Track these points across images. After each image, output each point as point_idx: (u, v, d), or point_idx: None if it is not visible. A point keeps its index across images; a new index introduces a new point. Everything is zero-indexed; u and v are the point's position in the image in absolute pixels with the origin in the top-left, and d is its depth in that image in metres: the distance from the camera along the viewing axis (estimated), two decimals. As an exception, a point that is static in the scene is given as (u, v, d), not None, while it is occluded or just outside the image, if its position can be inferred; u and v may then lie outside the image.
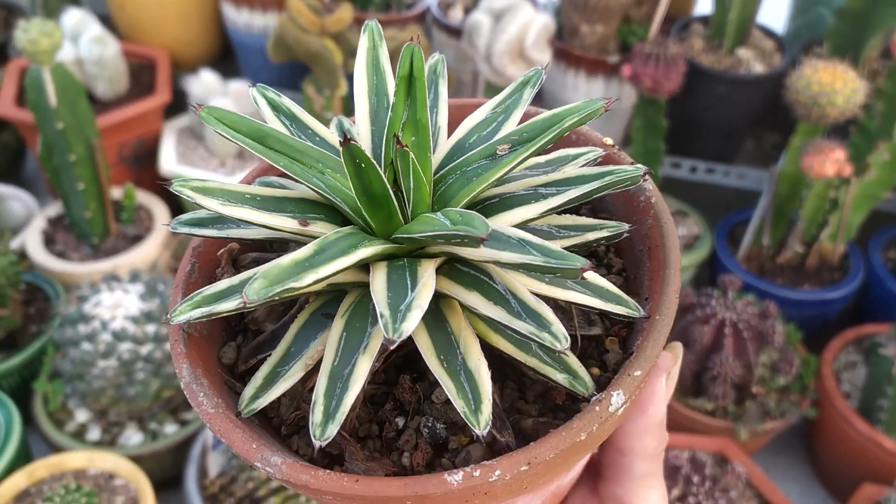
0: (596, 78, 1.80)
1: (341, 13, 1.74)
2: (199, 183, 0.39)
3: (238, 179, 1.62)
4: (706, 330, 1.46)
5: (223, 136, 0.40)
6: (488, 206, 0.43)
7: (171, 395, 1.47)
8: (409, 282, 0.37)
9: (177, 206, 1.99)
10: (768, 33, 1.90)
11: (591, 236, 0.44)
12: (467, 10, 1.98)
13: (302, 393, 0.43)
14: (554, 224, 0.45)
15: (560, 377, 0.40)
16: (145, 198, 1.91)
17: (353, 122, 0.48)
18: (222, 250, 0.45)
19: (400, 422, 0.43)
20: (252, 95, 0.46)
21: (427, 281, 0.37)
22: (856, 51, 1.65)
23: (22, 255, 1.75)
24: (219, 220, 0.43)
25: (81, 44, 1.87)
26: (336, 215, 0.42)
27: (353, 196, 0.40)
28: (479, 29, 1.61)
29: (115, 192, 1.87)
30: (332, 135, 0.47)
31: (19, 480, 1.32)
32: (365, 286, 0.41)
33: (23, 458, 1.39)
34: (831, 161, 1.42)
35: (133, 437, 1.46)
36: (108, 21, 2.13)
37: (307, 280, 0.35)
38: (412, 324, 0.34)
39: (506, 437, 0.39)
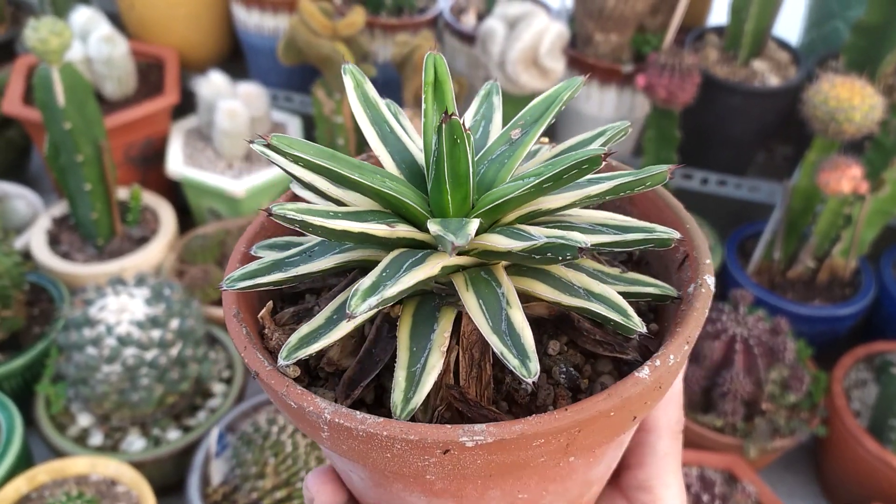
0: (609, 87, 1.78)
1: (353, 17, 1.72)
2: (302, 205, 0.42)
3: (243, 185, 1.60)
4: (717, 345, 1.45)
5: (291, 163, 0.42)
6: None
7: (175, 400, 1.45)
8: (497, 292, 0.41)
9: (183, 208, 1.97)
10: (783, 45, 1.88)
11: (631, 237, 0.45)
12: (480, 17, 1.96)
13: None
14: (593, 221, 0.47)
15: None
16: (152, 199, 1.89)
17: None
18: (262, 312, 0.47)
19: (528, 387, 0.43)
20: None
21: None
22: (872, 66, 1.63)
23: (26, 255, 1.74)
24: (277, 267, 0.46)
25: (90, 43, 1.86)
26: (400, 220, 0.45)
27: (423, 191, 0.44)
28: (493, 36, 1.59)
29: (122, 193, 1.85)
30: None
31: (20, 485, 1.31)
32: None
33: (24, 461, 1.37)
34: (847, 178, 1.41)
35: (135, 442, 1.45)
36: (117, 20, 2.12)
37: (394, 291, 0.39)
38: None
39: (631, 354, 0.43)
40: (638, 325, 0.40)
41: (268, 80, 2.06)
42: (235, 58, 2.23)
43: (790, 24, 2.00)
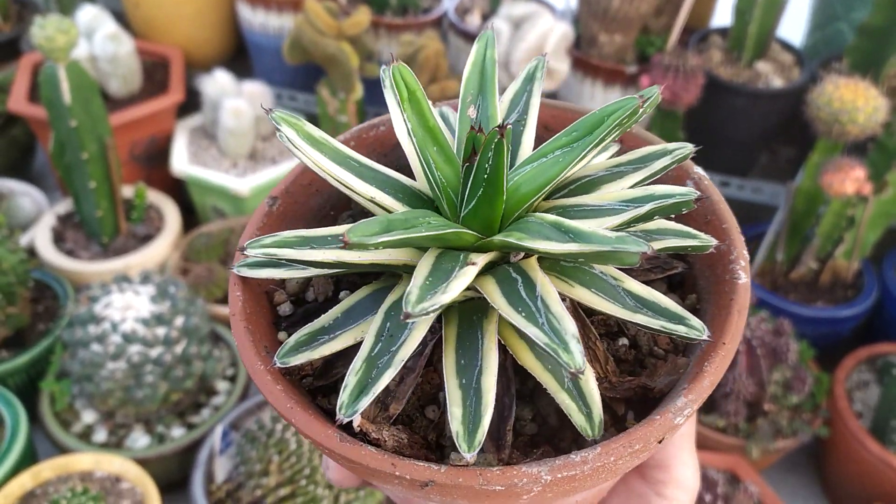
0: (613, 88, 1.79)
1: (359, 17, 1.73)
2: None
3: (247, 184, 1.60)
4: (720, 346, 1.45)
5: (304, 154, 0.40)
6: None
7: (180, 398, 1.46)
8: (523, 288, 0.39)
9: (187, 207, 1.98)
10: (787, 47, 1.89)
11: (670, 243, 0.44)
12: (484, 17, 1.96)
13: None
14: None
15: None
16: (156, 197, 1.90)
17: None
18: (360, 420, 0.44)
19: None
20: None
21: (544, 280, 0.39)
22: (876, 68, 1.64)
23: (31, 252, 1.74)
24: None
25: (96, 41, 1.86)
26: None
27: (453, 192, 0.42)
28: (497, 36, 1.60)
29: (126, 191, 1.86)
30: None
31: (25, 481, 1.31)
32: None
33: (28, 457, 1.38)
34: (851, 179, 1.41)
35: (140, 439, 1.45)
36: (122, 18, 2.12)
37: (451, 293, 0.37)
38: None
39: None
40: (699, 330, 0.39)
41: (272, 79, 2.07)
42: (240, 57, 2.23)
43: (794, 25, 2.00)
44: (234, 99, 1.85)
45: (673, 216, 0.43)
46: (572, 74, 1.81)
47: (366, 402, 0.37)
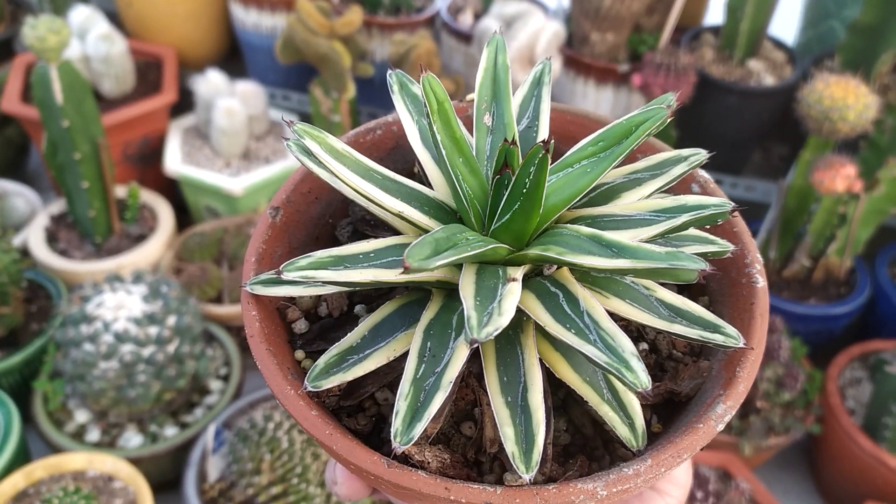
0: (605, 86, 1.79)
1: (351, 16, 1.73)
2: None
3: (240, 183, 1.61)
4: (712, 343, 1.45)
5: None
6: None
7: (172, 397, 1.46)
8: (566, 303, 0.39)
9: (181, 206, 1.98)
10: (779, 45, 1.89)
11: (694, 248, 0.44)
12: (477, 16, 1.97)
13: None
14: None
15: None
16: (149, 197, 1.90)
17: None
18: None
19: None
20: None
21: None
22: (867, 65, 1.64)
23: (24, 252, 1.74)
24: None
25: (88, 41, 1.86)
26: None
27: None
28: (489, 35, 1.60)
29: (119, 191, 1.86)
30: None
31: (18, 481, 1.31)
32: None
33: (21, 457, 1.38)
34: (842, 177, 1.41)
35: (133, 438, 1.45)
36: (115, 18, 2.12)
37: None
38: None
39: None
40: (735, 338, 0.39)
41: (266, 79, 2.07)
42: (233, 56, 2.24)
43: (786, 23, 2.00)
44: (228, 99, 1.85)
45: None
46: (564, 73, 1.81)
47: (420, 428, 0.36)
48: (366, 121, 1.98)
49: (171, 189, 2.00)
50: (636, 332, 0.45)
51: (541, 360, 0.41)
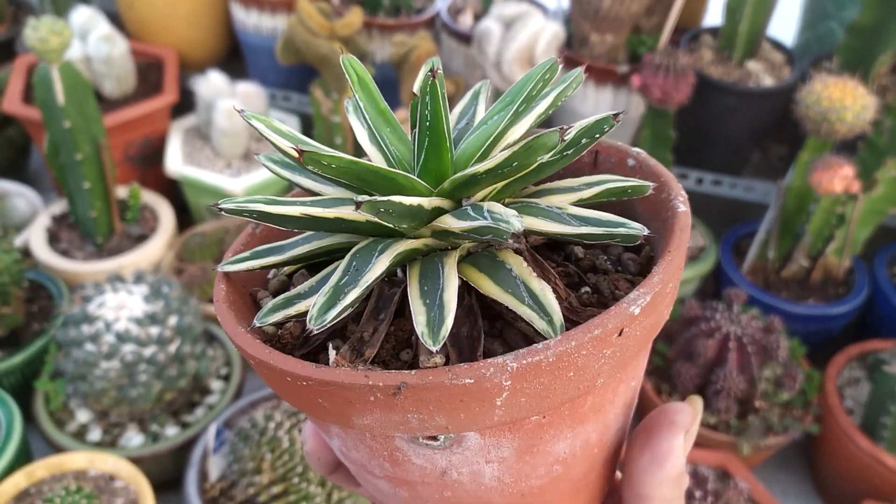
0: (605, 87, 1.80)
1: (351, 17, 1.74)
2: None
3: (241, 184, 1.61)
4: (710, 343, 1.46)
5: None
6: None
7: (173, 397, 1.46)
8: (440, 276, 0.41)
9: (182, 207, 1.99)
10: (778, 46, 1.90)
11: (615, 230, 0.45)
12: (477, 17, 1.97)
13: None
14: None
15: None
16: (150, 197, 1.90)
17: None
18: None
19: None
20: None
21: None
22: (866, 66, 1.65)
23: (26, 252, 1.75)
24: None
25: (90, 42, 1.87)
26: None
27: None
28: (489, 36, 1.61)
29: (121, 192, 1.87)
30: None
31: (19, 480, 1.32)
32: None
33: (23, 456, 1.39)
34: (839, 177, 1.42)
35: (134, 438, 1.46)
36: (116, 19, 2.13)
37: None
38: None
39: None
40: (638, 229, 0.41)
41: (266, 80, 2.08)
42: (234, 57, 2.24)
43: (785, 24, 2.01)
44: (228, 99, 1.85)
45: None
46: (563, 74, 1.82)
47: (332, 314, 0.39)
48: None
49: (172, 189, 2.01)
50: (577, 277, 0.47)
51: (469, 288, 0.43)
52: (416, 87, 0.45)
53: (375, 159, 0.48)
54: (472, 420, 0.38)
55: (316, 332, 0.39)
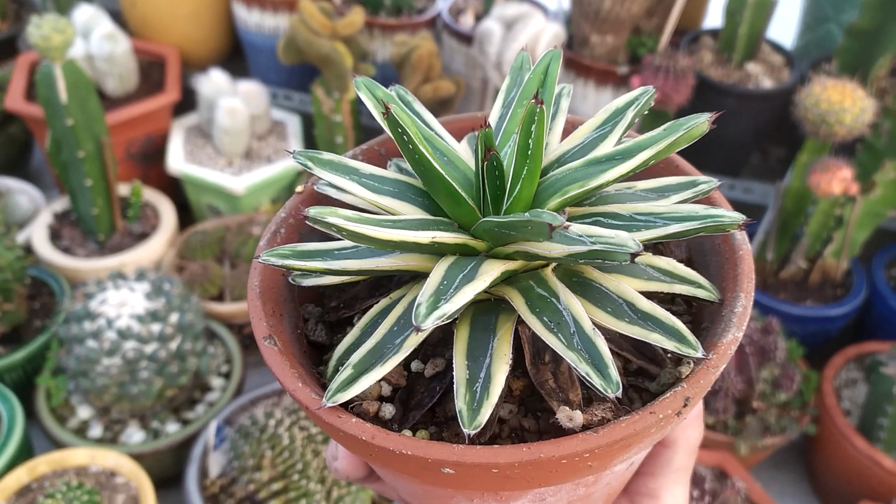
0: (605, 88, 1.80)
1: (352, 17, 1.74)
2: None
3: (242, 182, 1.61)
4: (709, 344, 1.46)
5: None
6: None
7: (174, 394, 1.47)
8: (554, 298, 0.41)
9: (183, 205, 1.99)
10: (777, 48, 1.90)
11: (677, 289, 0.44)
12: (478, 17, 1.98)
13: None
14: (647, 263, 0.46)
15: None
16: (152, 195, 1.91)
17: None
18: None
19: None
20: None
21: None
22: (865, 69, 1.65)
23: (28, 249, 1.76)
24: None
25: (92, 40, 1.87)
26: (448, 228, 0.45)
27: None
28: (490, 36, 1.61)
29: (122, 189, 1.87)
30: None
31: (21, 475, 1.33)
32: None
33: (25, 452, 1.39)
34: (838, 179, 1.43)
35: (135, 435, 1.47)
36: (119, 18, 2.13)
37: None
38: None
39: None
40: (695, 347, 0.39)
41: (268, 79, 2.08)
42: (236, 56, 2.25)
43: (785, 27, 2.02)
44: (230, 98, 1.86)
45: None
46: (564, 74, 1.83)
47: (486, 414, 0.38)
48: (367, 121, 2.00)
49: (174, 187, 2.01)
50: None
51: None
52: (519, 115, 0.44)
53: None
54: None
55: (472, 434, 0.37)
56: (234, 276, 1.74)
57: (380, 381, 0.42)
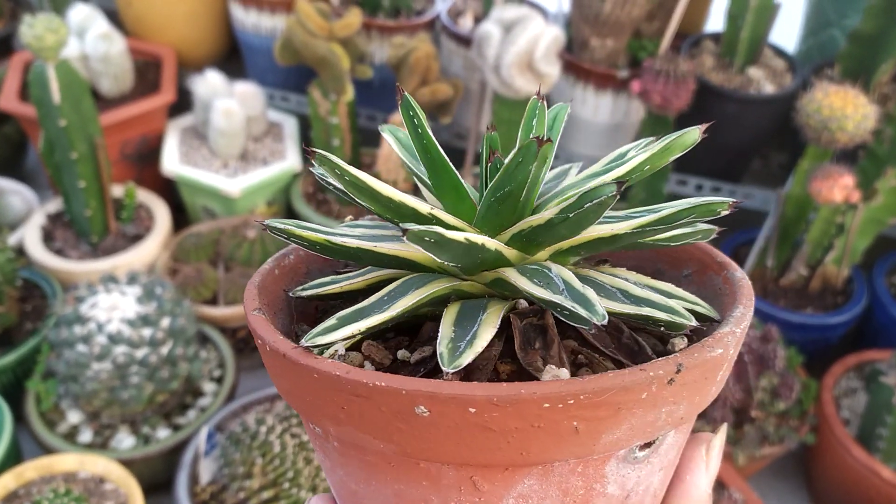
0: (605, 92, 1.79)
1: (350, 18, 1.73)
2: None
3: (238, 184, 1.60)
4: (707, 352, 1.45)
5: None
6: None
7: (165, 399, 1.45)
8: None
9: (178, 206, 1.98)
10: (779, 53, 1.89)
11: (674, 303, 0.44)
12: (477, 20, 1.96)
13: None
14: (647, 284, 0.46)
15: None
16: (146, 197, 1.89)
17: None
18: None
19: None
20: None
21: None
22: (867, 74, 1.64)
23: (20, 251, 1.74)
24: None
25: (87, 40, 1.86)
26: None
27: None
28: (488, 39, 1.59)
29: (116, 191, 1.85)
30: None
31: (8, 481, 1.31)
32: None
33: (13, 457, 1.38)
34: (839, 187, 1.41)
35: (125, 440, 1.45)
36: (114, 17, 2.12)
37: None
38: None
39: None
40: (688, 319, 0.40)
41: (264, 80, 2.07)
42: (232, 57, 2.23)
43: (787, 31, 2.00)
44: (226, 99, 1.84)
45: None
46: (563, 78, 1.81)
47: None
48: (364, 123, 1.98)
49: (169, 189, 2.00)
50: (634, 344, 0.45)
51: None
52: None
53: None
54: (694, 408, 0.39)
55: (451, 373, 0.37)
56: (227, 280, 1.73)
57: (364, 360, 0.42)
